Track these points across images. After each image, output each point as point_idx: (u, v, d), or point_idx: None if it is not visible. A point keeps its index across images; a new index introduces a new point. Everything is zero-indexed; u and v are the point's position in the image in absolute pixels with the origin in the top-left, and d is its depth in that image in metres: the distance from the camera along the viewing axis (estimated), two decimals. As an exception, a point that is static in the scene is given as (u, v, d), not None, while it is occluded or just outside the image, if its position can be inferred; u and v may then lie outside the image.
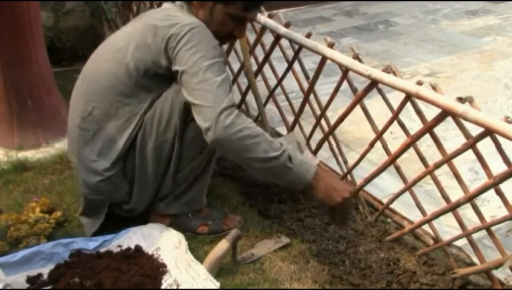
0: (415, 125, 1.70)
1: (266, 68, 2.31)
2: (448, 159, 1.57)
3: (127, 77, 1.65)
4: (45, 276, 1.61)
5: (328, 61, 1.87)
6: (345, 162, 2.06)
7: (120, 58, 1.67)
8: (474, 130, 1.44)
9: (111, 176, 1.71)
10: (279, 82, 2.27)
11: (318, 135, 2.11)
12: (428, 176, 1.67)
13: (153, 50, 1.61)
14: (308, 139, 2.18)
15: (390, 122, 1.72)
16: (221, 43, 1.74)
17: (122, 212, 1.82)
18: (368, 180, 1.90)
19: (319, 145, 2.10)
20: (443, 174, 1.77)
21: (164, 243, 1.71)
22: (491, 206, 1.91)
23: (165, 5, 1.76)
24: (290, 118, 2.28)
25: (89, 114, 1.70)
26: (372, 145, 1.84)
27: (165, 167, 1.75)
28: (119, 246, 1.73)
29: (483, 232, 1.57)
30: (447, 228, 1.85)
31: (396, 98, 1.69)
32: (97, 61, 1.76)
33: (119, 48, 1.68)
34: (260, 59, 2.32)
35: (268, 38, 2.22)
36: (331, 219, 1.66)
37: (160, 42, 1.59)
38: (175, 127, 1.68)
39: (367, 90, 1.75)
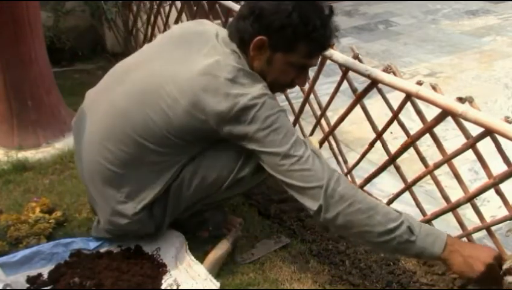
0: (415, 125, 1.70)
1: (266, 68, 2.31)
2: (448, 159, 1.57)
3: (169, 130, 1.45)
4: (45, 276, 1.61)
5: (328, 61, 1.87)
6: (345, 162, 2.06)
7: (165, 108, 1.43)
8: (474, 130, 1.44)
9: (138, 219, 1.58)
10: (279, 82, 2.26)
11: (318, 135, 2.11)
12: (428, 176, 1.68)
13: (209, 121, 1.41)
14: (308, 139, 2.18)
15: (390, 122, 1.72)
16: (279, 91, 1.63)
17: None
18: (368, 180, 1.90)
19: (319, 145, 2.10)
20: (443, 174, 1.77)
21: (164, 243, 1.71)
22: (491, 206, 1.91)
23: (219, 51, 1.47)
24: (290, 118, 2.27)
25: (116, 157, 1.51)
26: (372, 145, 1.84)
27: (192, 205, 1.66)
28: (119, 246, 1.73)
29: (483, 232, 1.58)
30: (447, 228, 1.84)
31: (396, 98, 1.69)
32: (132, 98, 1.50)
33: (165, 94, 1.43)
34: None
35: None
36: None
37: (221, 117, 1.39)
38: (218, 189, 1.56)
39: (367, 90, 1.75)
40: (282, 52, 1.47)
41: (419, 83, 1.55)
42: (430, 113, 1.56)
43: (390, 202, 1.88)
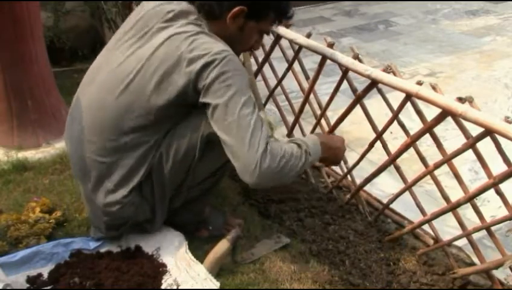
0: (415, 125, 1.70)
1: (266, 68, 2.31)
2: (448, 159, 1.57)
3: (147, 109, 1.55)
4: (45, 276, 1.61)
5: (328, 61, 1.87)
6: (345, 162, 2.06)
7: (138, 89, 1.55)
8: (474, 130, 1.44)
9: (130, 200, 1.63)
10: (279, 82, 2.26)
11: (318, 135, 2.11)
12: (428, 176, 1.68)
13: (180, 84, 1.50)
14: (308, 139, 2.18)
15: (390, 122, 1.72)
16: (238, 55, 1.67)
17: (142, 230, 1.77)
18: (368, 180, 1.90)
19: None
20: (443, 174, 1.77)
21: (164, 243, 1.71)
22: (491, 206, 1.91)
23: (180, 23, 1.58)
24: (290, 118, 2.28)
25: (101, 148, 1.59)
26: (372, 145, 1.84)
27: (178, 187, 1.70)
28: (119, 246, 1.73)
29: (483, 232, 1.57)
30: (447, 228, 1.85)
31: (396, 98, 1.69)
32: (104, 90, 1.61)
33: (133, 76, 1.55)
34: (260, 59, 2.32)
35: (268, 39, 2.22)
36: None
37: (189, 78, 1.49)
38: (193, 157, 1.61)
39: (367, 90, 1.75)
40: (255, 20, 1.60)
41: (419, 83, 1.55)
42: (430, 113, 1.56)
43: (390, 202, 1.88)
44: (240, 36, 1.63)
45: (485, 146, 1.45)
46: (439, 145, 1.60)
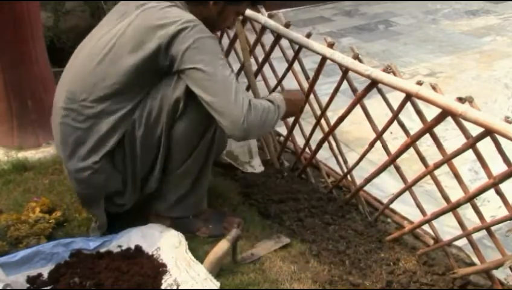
0: (415, 125, 1.70)
1: (266, 68, 2.31)
2: (448, 159, 1.57)
3: (121, 76, 1.63)
4: (45, 276, 1.61)
5: (328, 61, 1.87)
6: (345, 162, 2.06)
7: (114, 58, 1.64)
8: (474, 130, 1.44)
9: (100, 167, 1.68)
10: (279, 82, 2.27)
11: (318, 135, 2.11)
12: (428, 176, 1.68)
13: (152, 51, 1.58)
14: (308, 139, 2.18)
15: (390, 122, 1.72)
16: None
17: (113, 208, 1.80)
18: (368, 180, 1.90)
19: (319, 145, 2.10)
20: (443, 174, 1.77)
21: (164, 243, 1.71)
22: (491, 206, 1.91)
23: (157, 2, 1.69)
24: (290, 118, 2.28)
25: (81, 114, 1.67)
26: (372, 145, 1.84)
27: (152, 162, 1.74)
28: (119, 246, 1.73)
29: (483, 232, 1.58)
30: (447, 228, 1.85)
31: (396, 98, 1.69)
32: (84, 62, 1.70)
33: (110, 47, 1.65)
34: (260, 59, 2.32)
35: (268, 38, 2.22)
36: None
37: (161, 42, 1.57)
38: (162, 123, 1.68)
39: (367, 90, 1.75)
40: (235, 3, 1.75)
41: (419, 83, 1.55)
42: (430, 113, 1.56)
43: (390, 202, 1.88)
44: (218, 19, 1.75)
45: (485, 146, 1.45)
46: (439, 145, 1.60)
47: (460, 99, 1.43)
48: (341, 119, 1.91)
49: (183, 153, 1.74)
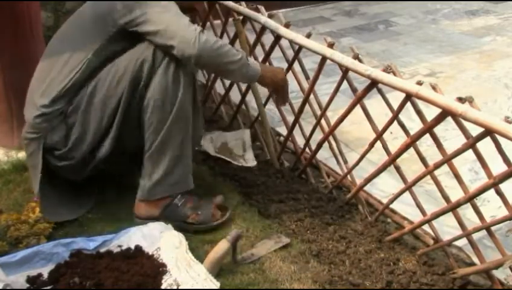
0: (415, 125, 1.70)
1: (266, 68, 2.31)
2: (448, 159, 1.57)
3: (80, 19, 1.81)
4: (45, 276, 1.61)
5: (328, 61, 1.87)
6: (345, 162, 2.06)
7: (77, 16, 1.84)
8: (474, 130, 1.44)
9: (47, 113, 1.76)
10: (279, 82, 2.26)
11: (318, 135, 2.11)
12: (428, 176, 1.68)
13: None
14: (308, 139, 2.19)
15: (390, 122, 1.72)
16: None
17: (54, 161, 1.83)
18: (368, 180, 1.90)
19: (319, 145, 2.10)
20: (443, 174, 1.77)
21: (164, 243, 1.71)
22: (491, 206, 1.91)
23: None
24: (290, 118, 2.28)
25: (44, 63, 1.82)
26: (372, 145, 1.84)
27: (106, 125, 1.77)
28: (119, 246, 1.73)
29: (483, 232, 1.58)
30: (447, 228, 1.85)
31: (396, 98, 1.69)
32: (60, 30, 1.90)
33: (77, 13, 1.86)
34: (260, 59, 2.32)
35: (268, 38, 2.22)
36: (278, 98, 2.05)
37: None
38: (124, 86, 1.72)
39: (367, 90, 1.75)
40: None
41: (419, 83, 1.55)
42: (430, 113, 1.56)
43: (390, 202, 1.88)
44: None
45: (485, 146, 1.45)
46: (439, 145, 1.60)
47: (460, 99, 1.43)
48: (341, 119, 1.91)
49: (155, 125, 1.74)
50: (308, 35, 1.96)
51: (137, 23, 1.70)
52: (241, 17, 2.25)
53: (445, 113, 1.49)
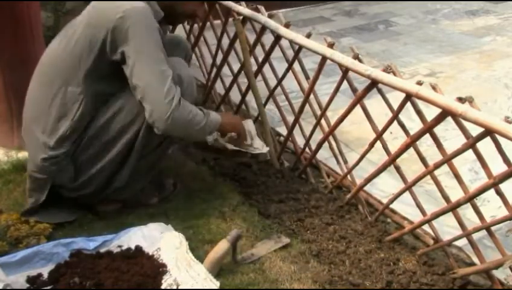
0: (415, 125, 1.70)
1: (266, 68, 2.32)
2: (448, 159, 1.57)
3: (72, 55, 1.71)
4: (45, 276, 1.61)
5: (328, 61, 1.87)
6: (345, 162, 2.06)
7: (69, 35, 1.73)
8: (474, 130, 1.44)
9: (54, 156, 1.75)
10: (279, 82, 2.27)
11: (318, 135, 2.11)
12: (428, 176, 1.68)
13: (100, 27, 1.65)
14: (308, 139, 2.19)
15: (390, 122, 1.72)
16: (182, 22, 1.84)
17: (64, 192, 1.85)
18: (368, 180, 1.90)
19: (319, 145, 2.11)
20: (443, 174, 1.77)
21: (165, 243, 1.71)
22: (491, 206, 1.91)
23: None
24: (290, 118, 2.28)
25: (40, 95, 1.77)
26: (372, 145, 1.84)
27: (122, 160, 1.81)
28: (119, 246, 1.73)
29: (483, 232, 1.58)
30: (447, 228, 1.85)
31: (396, 98, 1.69)
32: (51, 48, 1.84)
33: (70, 28, 1.77)
34: (260, 59, 2.32)
35: (268, 38, 2.22)
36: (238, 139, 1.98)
37: (107, 24, 1.63)
38: (140, 123, 1.73)
39: (367, 90, 1.75)
40: None
41: (419, 83, 1.55)
42: (430, 113, 1.56)
43: (390, 202, 1.88)
44: (177, 3, 1.79)
45: (485, 146, 1.45)
46: (439, 145, 1.60)
47: (460, 99, 1.43)
48: (341, 119, 1.91)
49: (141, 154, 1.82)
50: (308, 35, 1.96)
51: (126, 68, 1.66)
52: (241, 17, 2.25)
53: (445, 113, 1.49)
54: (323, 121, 2.09)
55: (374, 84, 1.71)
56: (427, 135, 1.61)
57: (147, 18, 1.65)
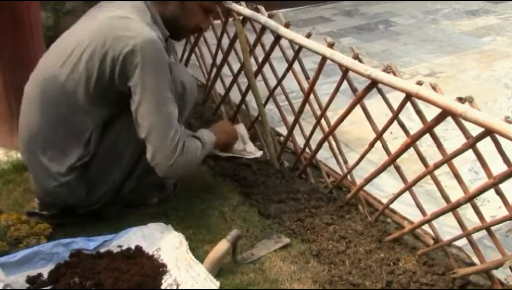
0: (415, 125, 1.70)
1: (266, 68, 2.31)
2: (448, 159, 1.57)
3: (78, 84, 1.65)
4: (45, 276, 1.61)
5: (328, 61, 1.87)
6: (345, 162, 2.06)
7: (71, 64, 1.65)
8: (474, 130, 1.44)
9: (66, 182, 1.73)
10: (279, 82, 2.27)
11: (318, 135, 2.11)
12: (428, 176, 1.67)
13: (108, 60, 1.60)
14: (308, 139, 2.19)
15: (390, 122, 1.72)
16: (186, 36, 1.80)
17: (77, 209, 1.85)
18: (368, 180, 1.90)
19: (319, 145, 2.10)
20: (443, 174, 1.77)
21: (165, 243, 1.71)
22: (491, 206, 1.91)
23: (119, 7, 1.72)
24: (290, 118, 2.28)
25: (44, 121, 1.70)
26: (372, 145, 1.84)
27: (130, 171, 1.83)
28: (119, 246, 1.73)
29: (483, 232, 1.57)
30: (447, 228, 1.85)
31: (396, 98, 1.69)
32: (49, 66, 1.73)
33: (71, 51, 1.67)
34: (260, 59, 2.32)
35: (268, 38, 2.22)
36: (230, 153, 2.07)
37: (116, 55, 1.58)
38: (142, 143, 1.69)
39: (367, 90, 1.75)
40: None
41: (419, 83, 1.55)
42: (430, 113, 1.56)
43: (390, 202, 1.88)
44: (182, 14, 1.76)
45: (485, 146, 1.45)
46: (439, 145, 1.60)
47: (460, 99, 1.43)
48: (341, 119, 1.91)
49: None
50: (308, 35, 1.96)
51: (132, 94, 1.63)
52: (241, 17, 2.25)
53: (445, 113, 1.49)
54: (323, 121, 2.09)
55: (374, 84, 1.71)
56: (427, 135, 1.61)
57: (157, 54, 1.60)
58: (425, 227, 1.82)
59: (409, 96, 1.60)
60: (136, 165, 1.81)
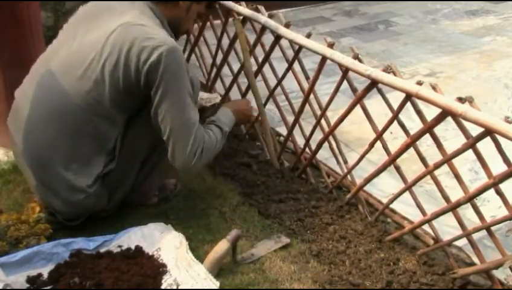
0: (415, 125, 1.70)
1: (266, 68, 2.31)
2: (448, 159, 1.57)
3: (102, 96, 1.65)
4: (45, 276, 1.61)
5: (328, 61, 1.87)
6: (345, 162, 2.06)
7: (93, 75, 1.65)
8: (474, 130, 1.44)
9: (93, 192, 1.74)
10: (279, 82, 2.27)
11: (318, 135, 2.11)
12: (428, 176, 1.68)
13: (132, 71, 1.62)
14: (308, 139, 2.18)
15: (390, 122, 1.72)
16: (177, 39, 1.84)
17: (99, 215, 1.86)
18: (368, 180, 1.90)
19: (319, 145, 2.10)
20: (443, 174, 1.77)
21: (165, 243, 1.71)
22: (491, 206, 1.91)
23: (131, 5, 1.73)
24: (290, 118, 2.28)
25: (60, 133, 1.69)
26: (372, 145, 1.84)
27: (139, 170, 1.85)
28: (119, 246, 1.73)
29: (483, 232, 1.58)
30: (447, 228, 1.85)
31: (396, 98, 1.69)
32: (61, 76, 1.70)
33: (89, 64, 1.65)
34: (260, 59, 2.32)
35: (268, 38, 2.22)
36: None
37: (141, 64, 1.60)
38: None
39: (367, 90, 1.75)
40: (197, 1, 1.83)
41: (419, 83, 1.55)
42: (430, 113, 1.56)
43: (390, 202, 1.88)
44: (186, 17, 1.83)
45: (485, 146, 1.45)
46: (439, 145, 1.60)
47: (460, 99, 1.43)
48: (341, 119, 1.91)
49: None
50: (308, 35, 1.96)
51: (154, 99, 1.65)
52: (241, 17, 2.25)
53: (445, 113, 1.49)
54: (323, 121, 2.09)
55: (374, 84, 1.71)
56: (427, 135, 1.61)
57: (180, 62, 1.64)
58: (426, 227, 1.82)
59: (409, 96, 1.60)
60: (144, 162, 1.83)
